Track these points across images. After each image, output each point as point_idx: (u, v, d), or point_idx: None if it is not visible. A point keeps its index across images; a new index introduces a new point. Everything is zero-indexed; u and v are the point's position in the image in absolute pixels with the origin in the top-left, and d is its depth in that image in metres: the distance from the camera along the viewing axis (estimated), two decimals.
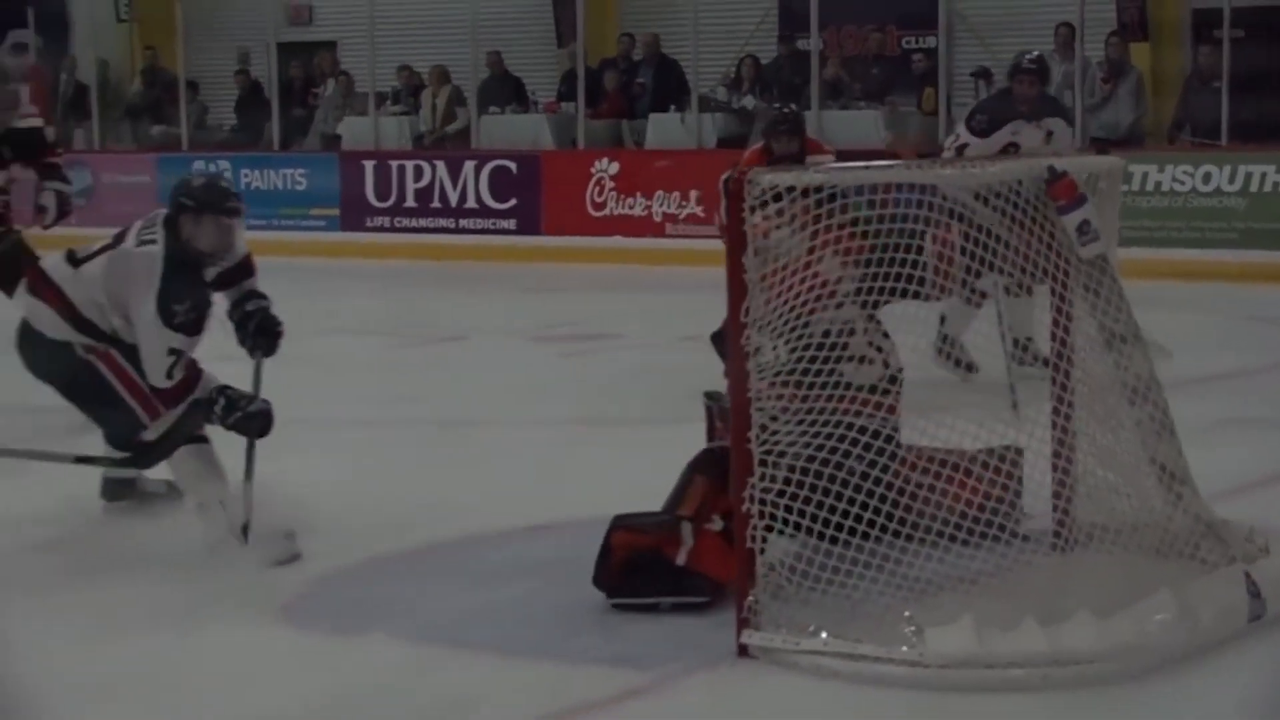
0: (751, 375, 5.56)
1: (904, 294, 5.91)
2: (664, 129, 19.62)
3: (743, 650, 5.52)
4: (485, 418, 9.03)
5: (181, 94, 22.24)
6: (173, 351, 6.63)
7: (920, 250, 5.93)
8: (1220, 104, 17.11)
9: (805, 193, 5.72)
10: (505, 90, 20.91)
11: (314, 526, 6.98)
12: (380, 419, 9.38)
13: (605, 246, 18.25)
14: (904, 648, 5.30)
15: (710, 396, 6.41)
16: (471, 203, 19.44)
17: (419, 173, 20.00)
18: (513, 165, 19.34)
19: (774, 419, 5.66)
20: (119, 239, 6.94)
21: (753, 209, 5.48)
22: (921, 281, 5.93)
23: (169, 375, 6.66)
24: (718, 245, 5.65)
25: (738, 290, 5.53)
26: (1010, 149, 10.19)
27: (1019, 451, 6.22)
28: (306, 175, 20.60)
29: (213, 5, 22.97)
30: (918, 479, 5.99)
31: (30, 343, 6.98)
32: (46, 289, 6.95)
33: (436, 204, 19.48)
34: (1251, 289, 10.35)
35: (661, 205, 18.40)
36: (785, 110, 11.18)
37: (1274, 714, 4.89)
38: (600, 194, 18.66)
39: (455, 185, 19.45)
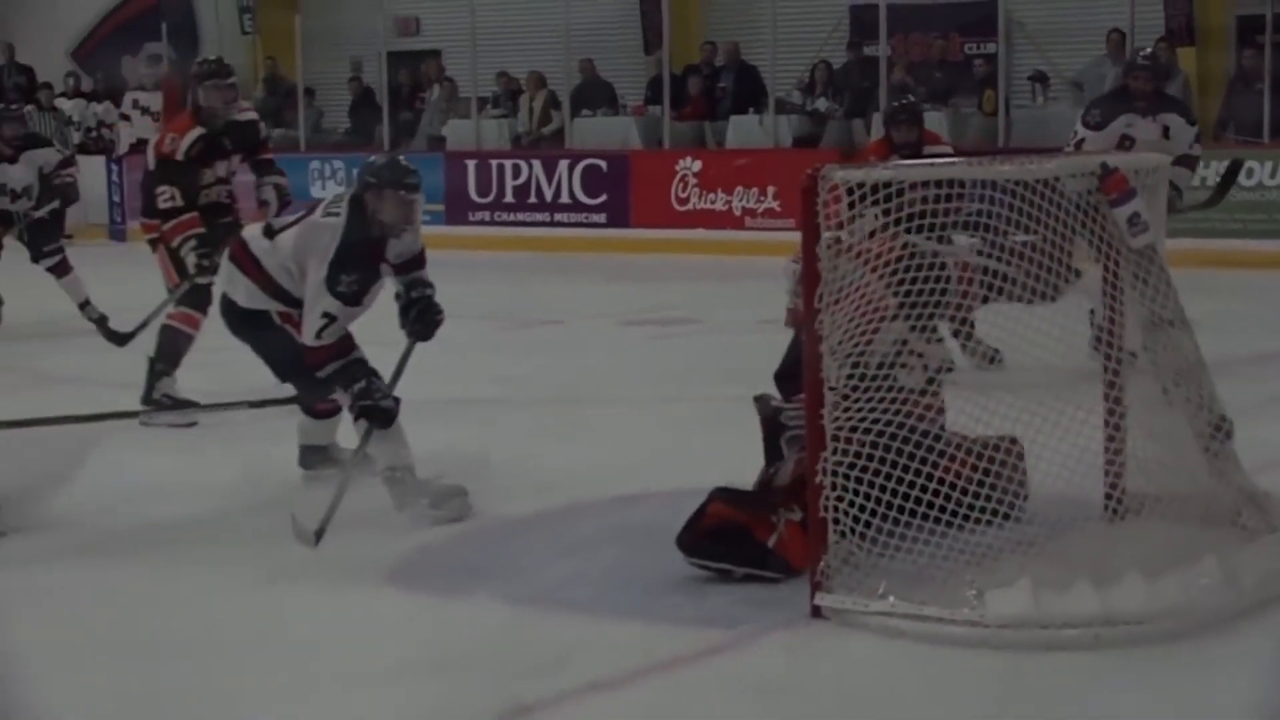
0: (826, 357, 5.56)
1: (936, 305, 5.92)
2: (743, 130, 19.59)
3: (816, 611, 5.52)
4: (581, 395, 9.06)
5: (300, 100, 22.37)
6: (327, 315, 6.71)
7: (944, 265, 5.93)
8: (1262, 104, 16.99)
9: (875, 189, 5.72)
10: (597, 94, 20.94)
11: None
12: (486, 396, 9.41)
13: (689, 238, 18.24)
14: (965, 609, 5.30)
15: (758, 399, 6.37)
16: (565, 199, 19.47)
17: (517, 171, 20.04)
18: (603, 164, 19.35)
19: (845, 397, 5.65)
20: (309, 211, 7.07)
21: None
22: (945, 292, 5.94)
23: (318, 336, 6.76)
24: (794, 237, 5.64)
25: (812, 278, 5.54)
26: (1125, 142, 9.96)
27: (1015, 441, 6.15)
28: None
29: (328, 18, 23.07)
30: (956, 467, 5.95)
31: (230, 312, 7.14)
32: (246, 259, 7.07)
33: (533, 200, 19.52)
34: None
35: (741, 200, 18.37)
36: (905, 101, 10.99)
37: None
38: (684, 190, 18.66)
39: (550, 182, 19.48)
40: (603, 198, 19.11)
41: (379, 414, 6.79)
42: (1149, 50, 10.47)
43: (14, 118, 13.63)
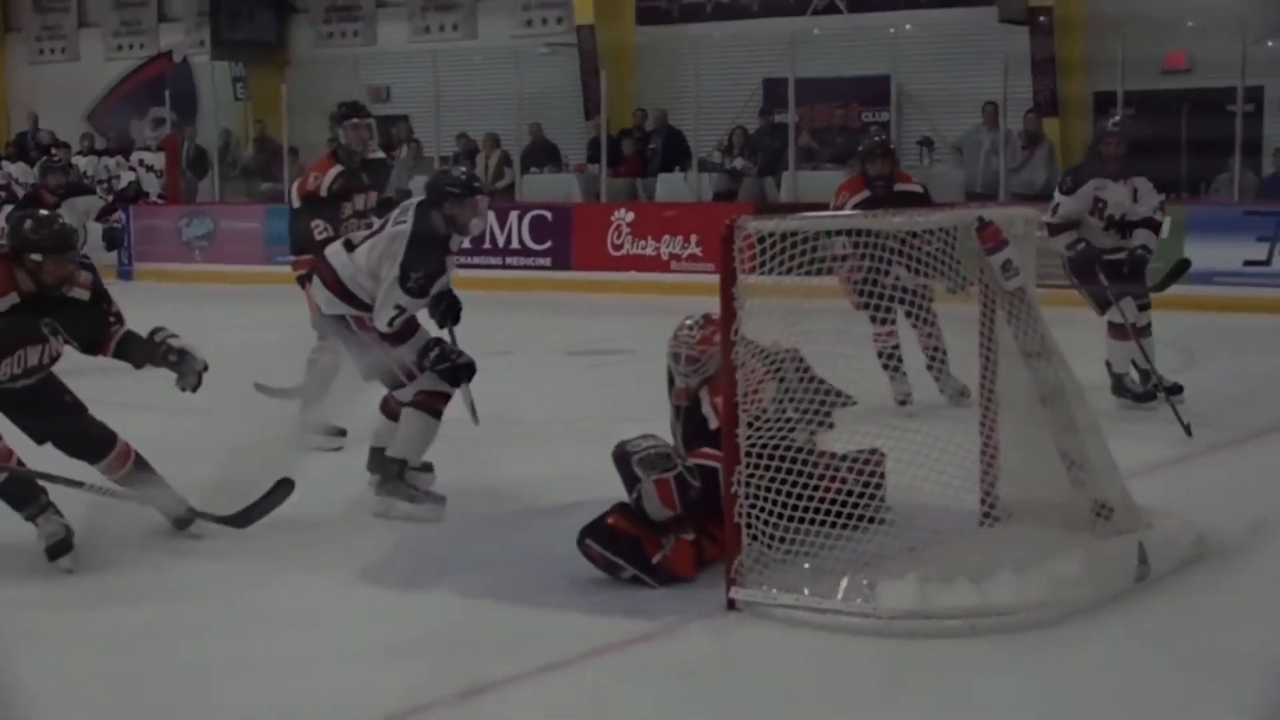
0: (739, 384, 5.57)
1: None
2: (670, 185, 19.60)
3: (731, 604, 5.54)
4: (528, 416, 9.02)
5: (285, 157, 22.22)
6: (399, 307, 6.87)
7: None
8: None
9: (784, 238, 5.73)
10: (544, 154, 20.91)
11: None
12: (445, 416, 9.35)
13: (623, 280, 18.20)
14: (860, 603, 5.32)
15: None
16: (516, 244, 19.39)
17: None
18: (549, 214, 19.29)
19: (750, 424, 5.64)
20: (382, 225, 7.19)
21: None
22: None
23: (390, 324, 6.89)
24: (713, 279, 5.66)
25: (728, 315, 5.55)
26: (1099, 204, 9.54)
27: (876, 452, 6.18)
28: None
29: (310, 86, 22.96)
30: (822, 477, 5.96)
31: (321, 316, 7.29)
32: (326, 272, 7.15)
33: (488, 245, 19.37)
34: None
35: (668, 247, 18.34)
36: (878, 139, 10.34)
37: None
38: (619, 238, 18.63)
39: (503, 230, 19.38)
40: (548, 244, 19.06)
41: (462, 368, 6.99)
42: (1118, 118, 10.01)
43: (57, 167, 13.22)
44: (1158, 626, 5.41)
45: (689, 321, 6.35)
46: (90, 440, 6.52)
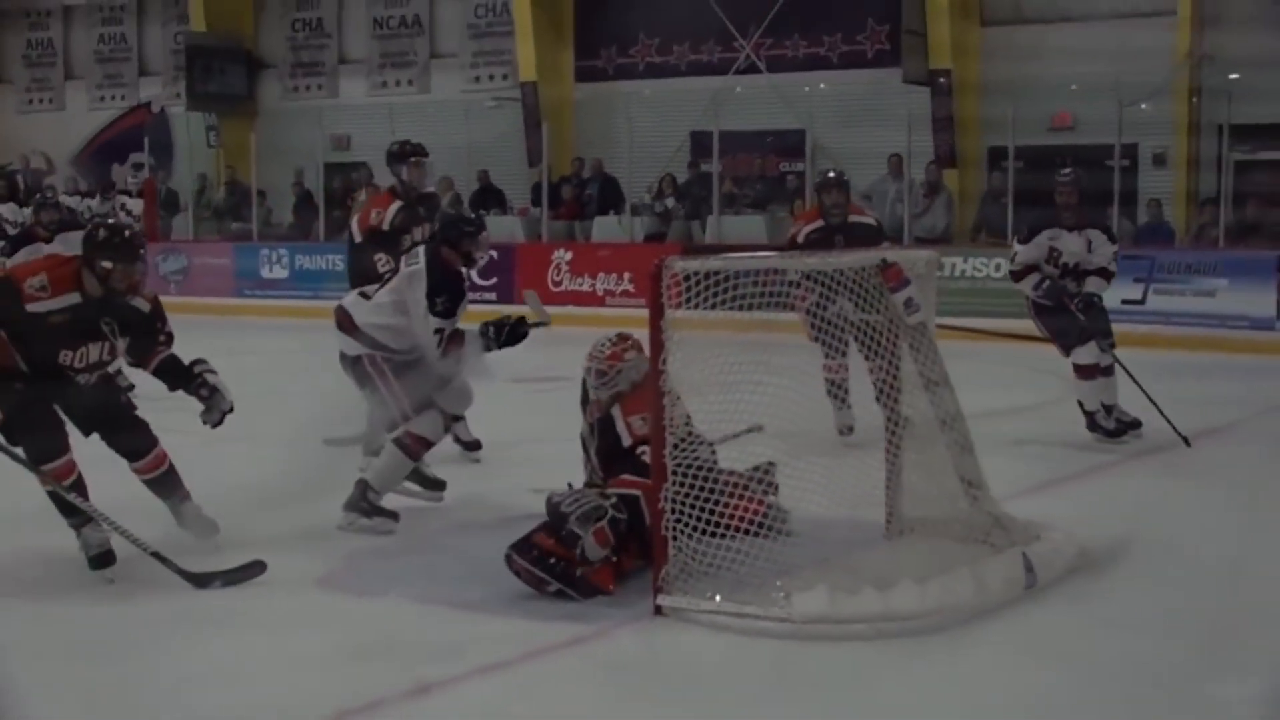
0: (667, 409, 5.56)
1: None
2: (605, 228, 19.62)
3: (658, 610, 5.52)
4: (479, 437, 8.94)
5: (254, 200, 22.12)
6: (438, 331, 6.91)
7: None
8: (1007, 213, 17.21)
9: (707, 277, 5.73)
10: (491, 198, 20.88)
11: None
12: None
13: (562, 313, 18.14)
14: (776, 608, 5.31)
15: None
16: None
17: None
18: (494, 254, 19.19)
19: (676, 445, 5.63)
20: (394, 272, 7.30)
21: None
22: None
23: (440, 345, 6.91)
24: (644, 313, 5.66)
25: (657, 345, 5.55)
26: (1054, 253, 9.19)
27: (773, 464, 6.17)
28: (344, 259, 20.35)
29: (277, 135, 22.88)
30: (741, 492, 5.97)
31: (342, 358, 7.22)
32: (344, 319, 7.14)
33: None
34: (1031, 347, 10.36)
35: (603, 284, 18.34)
36: (832, 172, 9.89)
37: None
38: (559, 275, 18.62)
39: None
40: (494, 280, 19.00)
41: (523, 337, 7.24)
42: (1069, 169, 9.45)
43: (50, 204, 12.73)
44: (1041, 630, 5.44)
45: (603, 340, 6.37)
46: (134, 439, 6.42)
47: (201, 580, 5.88)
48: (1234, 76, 16.72)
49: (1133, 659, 5.13)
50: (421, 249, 7.25)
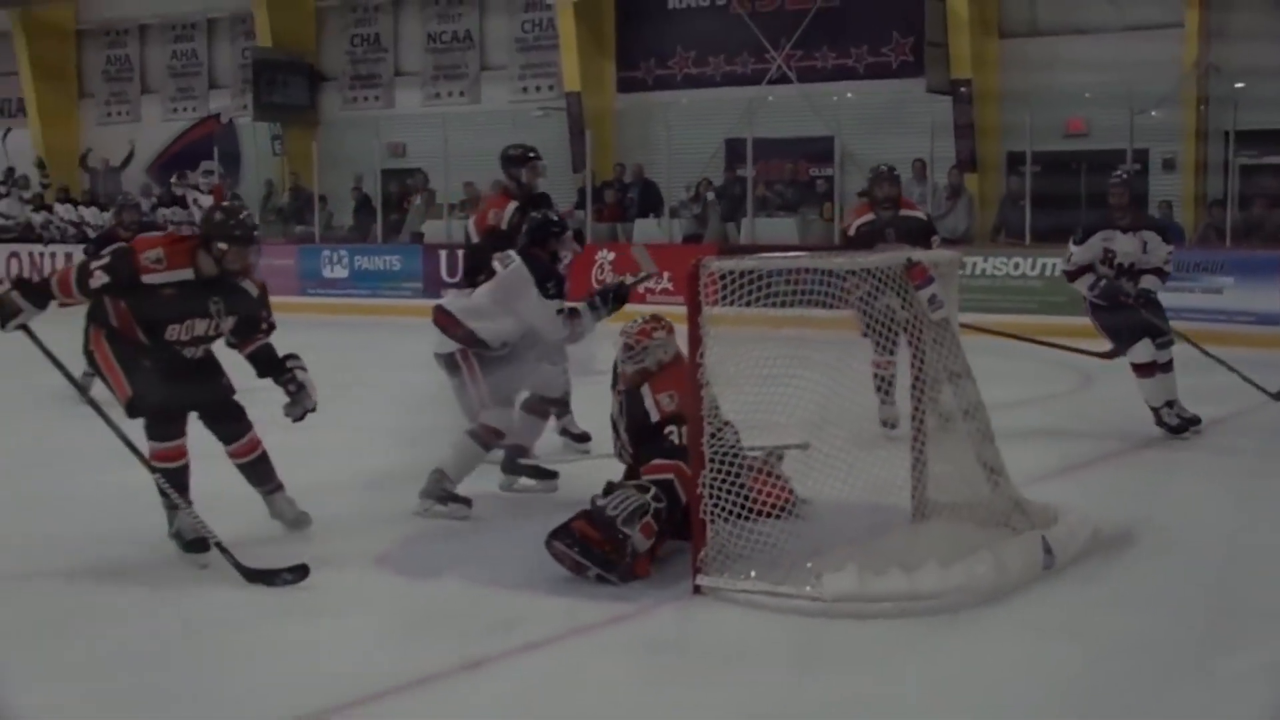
0: (705, 400, 5.55)
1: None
2: (646, 229, 19.60)
3: (697, 589, 5.51)
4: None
5: (315, 204, 22.21)
6: (560, 311, 7.05)
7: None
8: (1025, 216, 17.15)
9: (741, 276, 5.72)
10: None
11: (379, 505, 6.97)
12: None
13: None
14: (808, 588, 5.30)
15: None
16: None
17: None
18: (579, 247, 19.19)
19: (714, 434, 5.61)
20: (491, 274, 7.28)
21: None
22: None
23: (565, 325, 7.11)
24: (682, 310, 5.65)
25: (695, 340, 5.53)
26: (1108, 254, 8.95)
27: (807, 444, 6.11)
28: (400, 260, 20.50)
29: (338, 143, 22.96)
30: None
31: (437, 356, 7.22)
32: (444, 317, 7.16)
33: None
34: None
35: (644, 282, 18.33)
36: (885, 166, 9.58)
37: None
38: (602, 273, 18.59)
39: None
40: None
41: (620, 289, 7.41)
42: (1123, 169, 9.23)
43: (131, 205, 12.65)
44: (1058, 608, 5.41)
45: (637, 319, 6.39)
46: (231, 420, 6.36)
47: (253, 576, 5.81)
48: (1239, 85, 16.61)
49: (1144, 635, 5.09)
50: (513, 251, 7.28)
